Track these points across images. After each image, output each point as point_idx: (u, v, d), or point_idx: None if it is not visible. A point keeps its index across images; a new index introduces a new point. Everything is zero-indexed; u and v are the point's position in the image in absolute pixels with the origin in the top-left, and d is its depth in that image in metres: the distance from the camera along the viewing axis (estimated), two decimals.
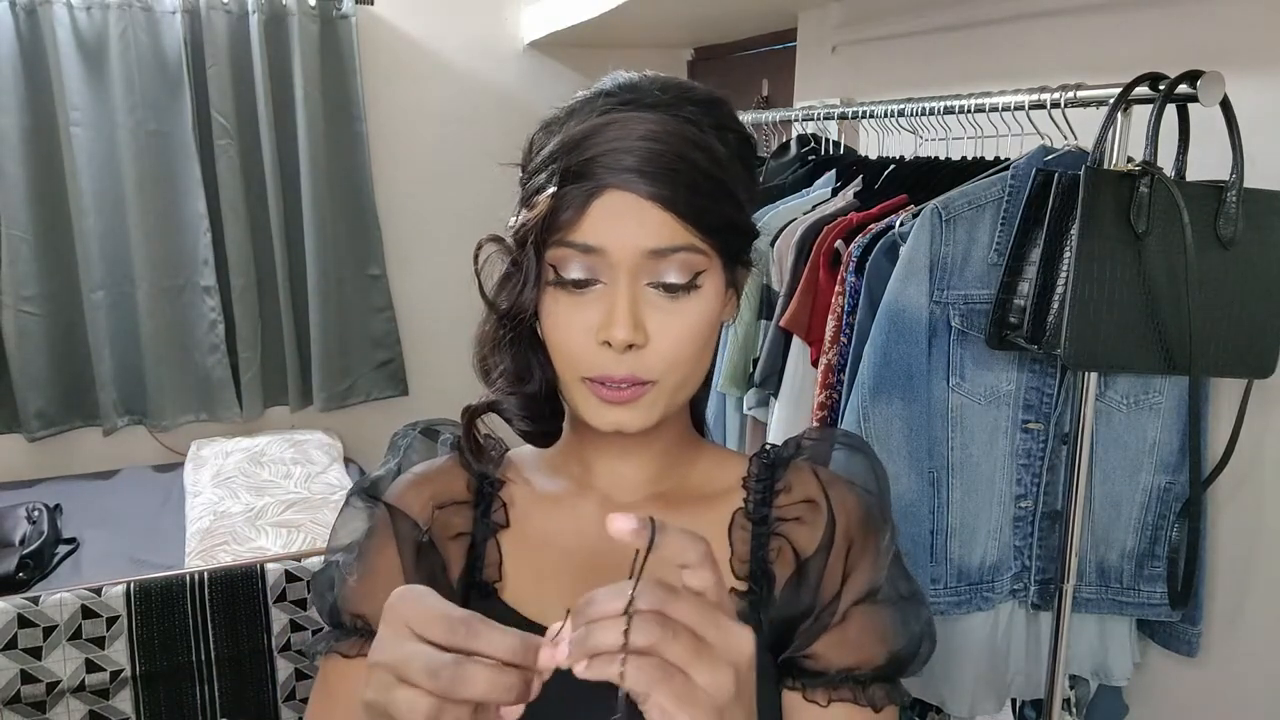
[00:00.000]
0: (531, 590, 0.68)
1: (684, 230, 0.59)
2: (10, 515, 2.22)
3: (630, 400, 0.61)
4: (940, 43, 1.80)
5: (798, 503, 0.69)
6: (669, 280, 0.60)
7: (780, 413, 1.52)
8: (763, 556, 0.68)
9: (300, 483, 2.47)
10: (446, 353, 3.01)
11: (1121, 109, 1.07)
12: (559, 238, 0.59)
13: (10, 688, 1.86)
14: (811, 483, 0.69)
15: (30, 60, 2.55)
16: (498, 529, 0.70)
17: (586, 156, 0.58)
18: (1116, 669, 1.35)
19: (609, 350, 0.60)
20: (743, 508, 0.69)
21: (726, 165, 0.61)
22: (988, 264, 1.22)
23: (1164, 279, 1.06)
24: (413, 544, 0.69)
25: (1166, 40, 1.32)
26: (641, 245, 0.58)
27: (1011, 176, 1.21)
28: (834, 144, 1.86)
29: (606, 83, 0.64)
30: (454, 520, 0.70)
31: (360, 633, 0.67)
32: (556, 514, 0.71)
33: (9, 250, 2.58)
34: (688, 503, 0.70)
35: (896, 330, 1.22)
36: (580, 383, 0.62)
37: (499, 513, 0.71)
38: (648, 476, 0.70)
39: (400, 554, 0.69)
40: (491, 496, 0.71)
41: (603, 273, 0.60)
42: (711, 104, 0.63)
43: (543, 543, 0.70)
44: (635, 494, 0.70)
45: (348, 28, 2.83)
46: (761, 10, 2.30)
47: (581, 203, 0.58)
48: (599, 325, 0.60)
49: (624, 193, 0.58)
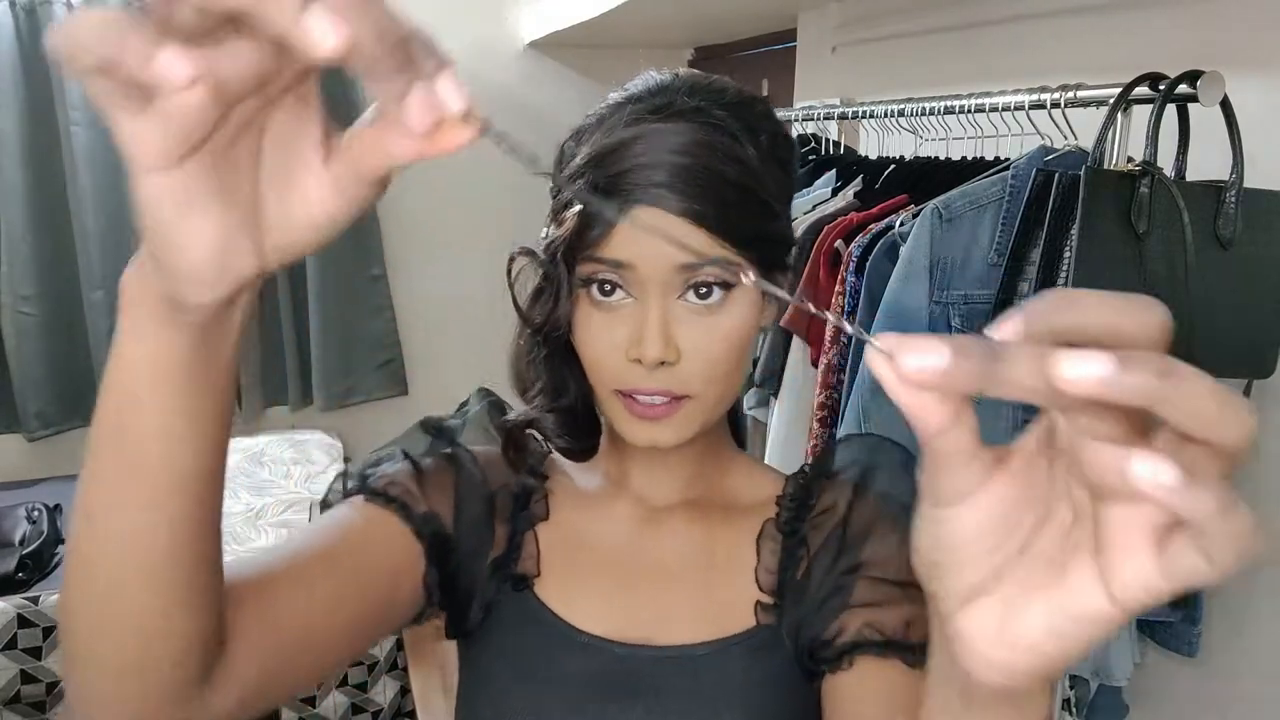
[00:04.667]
0: (560, 586, 0.68)
1: (715, 244, 0.58)
2: (10, 515, 2.22)
3: (665, 416, 0.60)
4: (940, 43, 1.80)
5: (823, 512, 0.68)
6: (701, 295, 0.59)
7: (780, 413, 1.52)
8: (790, 570, 0.67)
9: (300, 482, 2.47)
10: (447, 353, 3.01)
11: (1121, 109, 1.07)
12: (589, 253, 0.59)
13: (10, 688, 1.85)
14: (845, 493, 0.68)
15: (30, 60, 2.54)
16: (536, 521, 0.70)
17: (615, 172, 0.57)
18: (1116, 669, 1.35)
19: (640, 366, 0.59)
20: (773, 519, 0.69)
21: (759, 173, 0.60)
22: (988, 264, 1.22)
23: (1164, 279, 1.06)
24: (476, 494, 0.69)
25: (1166, 40, 1.32)
26: (671, 260, 0.57)
27: (1012, 177, 1.21)
28: (834, 144, 1.86)
29: (637, 85, 0.63)
30: (503, 504, 0.70)
31: (393, 500, 0.64)
32: (591, 512, 0.71)
33: (8, 250, 2.58)
34: (720, 510, 0.70)
35: (897, 331, 1.22)
36: (613, 396, 0.62)
37: (539, 504, 0.71)
38: (682, 482, 0.70)
39: (457, 490, 0.68)
40: (534, 489, 0.71)
41: (633, 287, 0.59)
42: (743, 105, 0.61)
43: (576, 539, 0.70)
44: (669, 497, 0.70)
45: None
46: (761, 10, 2.30)
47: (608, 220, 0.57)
48: (630, 341, 0.59)
49: (653, 209, 0.57)
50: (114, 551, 0.42)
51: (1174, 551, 0.27)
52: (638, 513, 0.70)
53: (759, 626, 0.66)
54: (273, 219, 0.35)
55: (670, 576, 0.68)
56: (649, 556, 0.69)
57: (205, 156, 0.32)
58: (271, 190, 0.35)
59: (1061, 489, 0.30)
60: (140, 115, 0.29)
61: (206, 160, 0.32)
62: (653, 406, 0.60)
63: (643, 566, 0.69)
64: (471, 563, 0.68)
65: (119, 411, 0.39)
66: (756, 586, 0.67)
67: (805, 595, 0.66)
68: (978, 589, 0.31)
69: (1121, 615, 0.28)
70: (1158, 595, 0.28)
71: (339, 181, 0.35)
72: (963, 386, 0.27)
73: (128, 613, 0.43)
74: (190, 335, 0.37)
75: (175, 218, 0.32)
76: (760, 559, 0.67)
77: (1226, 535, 0.25)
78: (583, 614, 0.67)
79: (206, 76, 0.29)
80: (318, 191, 0.35)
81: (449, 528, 0.67)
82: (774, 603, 0.66)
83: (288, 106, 0.34)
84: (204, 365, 0.38)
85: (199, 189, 0.32)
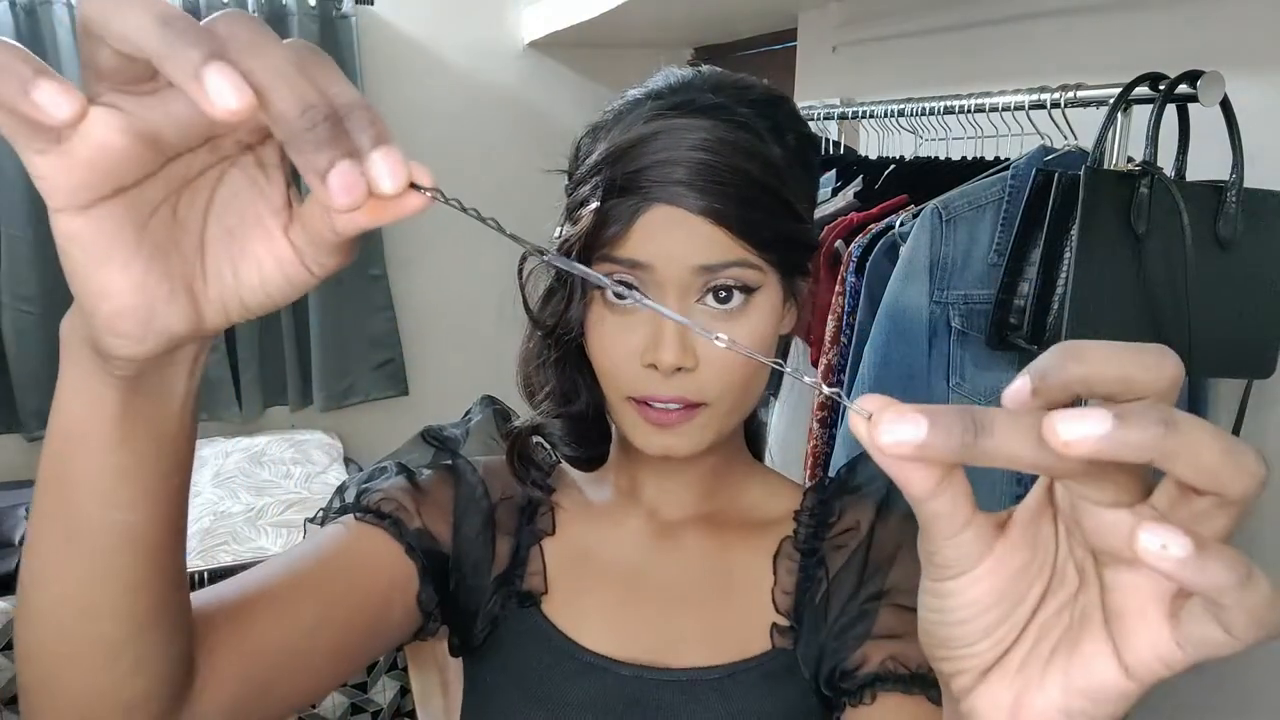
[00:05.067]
0: (568, 603, 0.66)
1: (736, 245, 0.55)
2: (10, 515, 2.22)
3: (679, 423, 0.58)
4: (940, 43, 1.80)
5: (844, 531, 0.65)
6: (730, 296, 0.57)
7: (780, 413, 1.52)
8: (809, 591, 0.64)
9: (300, 483, 2.47)
10: (447, 353, 3.01)
11: (1121, 109, 1.07)
12: (604, 253, 0.56)
13: (10, 688, 1.86)
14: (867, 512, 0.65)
15: None
16: (542, 536, 0.67)
17: (633, 169, 0.55)
18: None
19: (655, 372, 0.57)
20: (791, 536, 0.66)
21: (784, 173, 0.58)
22: (988, 264, 1.22)
23: (1164, 279, 1.06)
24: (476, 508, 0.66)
25: (1166, 40, 1.32)
26: (690, 261, 0.55)
27: (1011, 176, 1.21)
28: (834, 144, 1.86)
29: (658, 82, 0.60)
30: (507, 517, 0.67)
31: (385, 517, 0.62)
32: (599, 526, 0.68)
33: (8, 250, 2.58)
34: (735, 526, 0.67)
35: (897, 331, 1.22)
36: (626, 403, 0.59)
37: (545, 518, 0.67)
38: (696, 496, 0.67)
39: (456, 504, 0.65)
40: (540, 501, 0.68)
41: (650, 290, 0.57)
42: (769, 104, 0.59)
43: (583, 555, 0.67)
44: (682, 511, 0.67)
45: (348, 28, 2.83)
46: (761, 10, 2.30)
47: (628, 217, 0.55)
48: (645, 346, 0.57)
49: (672, 207, 0.54)
50: (56, 606, 0.39)
51: (1189, 620, 0.25)
52: (649, 528, 0.67)
53: (774, 650, 0.63)
54: (218, 279, 0.34)
55: (682, 596, 0.65)
56: (660, 574, 0.66)
57: (130, 205, 0.31)
58: (220, 249, 0.34)
59: (1066, 552, 0.29)
60: (46, 153, 0.28)
61: (131, 209, 0.31)
62: (667, 413, 0.58)
63: (654, 585, 0.66)
64: (473, 579, 0.65)
65: (58, 459, 0.38)
66: (773, 608, 0.64)
67: (825, 620, 0.62)
68: (988, 666, 0.29)
69: (1138, 688, 0.27)
70: (1175, 667, 0.26)
71: (298, 249, 0.33)
72: (941, 459, 0.26)
73: (74, 668, 0.40)
74: (121, 389, 0.35)
75: (90, 262, 0.31)
76: (777, 579, 0.64)
77: (1245, 608, 0.24)
78: (591, 633, 0.64)
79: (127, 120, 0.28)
80: (272, 257, 0.33)
81: (446, 545, 0.64)
82: (790, 625, 0.63)
83: (245, 167, 0.33)
84: (142, 422, 0.36)
85: (119, 237, 0.31)
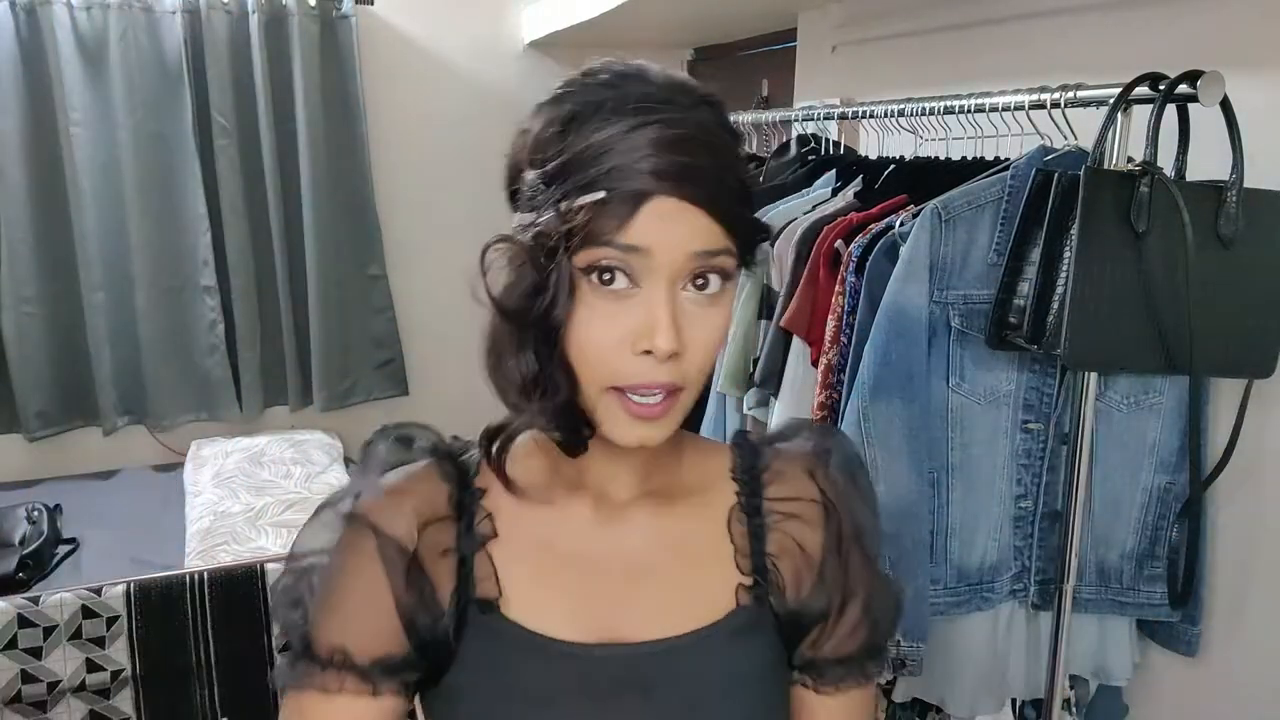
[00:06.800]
0: (531, 601, 0.66)
1: (724, 235, 0.58)
2: (10, 515, 2.22)
3: (662, 415, 0.59)
4: (940, 43, 1.80)
5: (794, 500, 0.70)
6: (708, 283, 0.59)
7: (780, 413, 1.52)
8: (762, 550, 0.69)
9: (300, 483, 2.47)
10: (447, 353, 3.01)
11: (1121, 109, 1.07)
12: (604, 239, 0.57)
13: (11, 687, 1.86)
14: (805, 481, 0.71)
15: (30, 61, 2.55)
16: (485, 540, 0.66)
17: (630, 161, 0.56)
18: (1116, 669, 1.35)
19: (648, 359, 0.58)
20: (737, 502, 0.70)
21: (741, 166, 0.61)
22: (987, 264, 1.22)
23: (1164, 279, 1.06)
24: (401, 567, 0.65)
25: (1166, 40, 1.32)
26: (689, 248, 0.57)
27: (1011, 176, 1.21)
28: (834, 144, 1.86)
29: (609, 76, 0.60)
30: (439, 537, 0.66)
31: (340, 667, 0.63)
32: (549, 517, 0.68)
33: (9, 251, 2.58)
34: (681, 497, 0.70)
35: (896, 330, 1.22)
36: (606, 394, 0.59)
37: (484, 523, 0.67)
38: (641, 474, 0.68)
39: (389, 578, 0.64)
40: (474, 507, 0.67)
41: (642, 275, 0.57)
42: (716, 104, 0.62)
43: (537, 549, 0.67)
44: (630, 491, 0.68)
45: (348, 28, 2.83)
46: (761, 10, 2.30)
47: (630, 208, 0.56)
48: (638, 333, 0.57)
49: (674, 198, 0.56)
50: None
51: None
52: (598, 512, 0.68)
53: (738, 609, 0.67)
54: None
55: (640, 571, 0.67)
56: (616, 554, 0.68)
57: None
58: None
59: None
60: None
61: None
62: (650, 406, 0.59)
63: (611, 566, 0.67)
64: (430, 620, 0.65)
65: None
66: (736, 571, 0.68)
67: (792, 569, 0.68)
68: None
69: None
70: None
71: None
72: None
73: None
74: None
75: None
76: (735, 545, 0.68)
77: None
78: (556, 623, 0.65)
79: None
80: None
81: (401, 643, 0.64)
82: (754, 582, 0.67)
83: None
84: None
85: None
